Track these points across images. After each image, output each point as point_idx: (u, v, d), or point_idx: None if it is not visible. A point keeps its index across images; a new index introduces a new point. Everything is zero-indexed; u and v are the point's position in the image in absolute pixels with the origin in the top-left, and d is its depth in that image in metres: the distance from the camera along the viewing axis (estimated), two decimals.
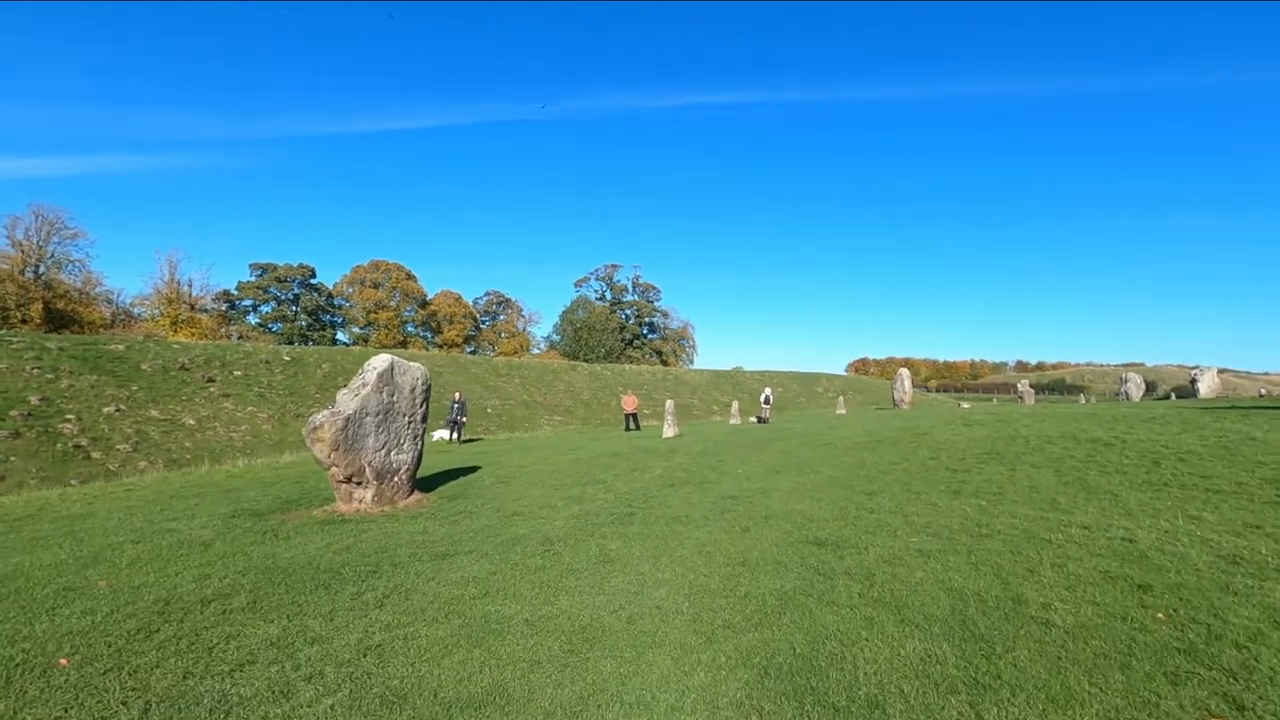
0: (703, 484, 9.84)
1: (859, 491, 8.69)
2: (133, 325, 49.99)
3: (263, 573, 5.41)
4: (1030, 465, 9.62)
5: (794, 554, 5.87)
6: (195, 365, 32.51)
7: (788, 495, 8.72)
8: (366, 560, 5.84)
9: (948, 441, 12.43)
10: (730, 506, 8.16)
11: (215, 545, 6.37)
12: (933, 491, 8.41)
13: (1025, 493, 8.08)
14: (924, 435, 13.80)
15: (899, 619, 4.30)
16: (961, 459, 10.50)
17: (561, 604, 4.70)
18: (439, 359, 46.62)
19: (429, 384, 9.41)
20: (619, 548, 6.26)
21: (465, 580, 5.26)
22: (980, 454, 10.79)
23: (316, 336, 62.39)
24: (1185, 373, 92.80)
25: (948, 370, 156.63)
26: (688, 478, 10.50)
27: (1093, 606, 4.40)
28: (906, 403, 36.81)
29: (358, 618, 4.44)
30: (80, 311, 44.85)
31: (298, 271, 63.34)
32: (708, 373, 66.25)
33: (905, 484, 9.00)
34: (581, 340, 72.44)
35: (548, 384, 48.66)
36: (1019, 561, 5.40)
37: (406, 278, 69.77)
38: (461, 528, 7.29)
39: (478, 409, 40.07)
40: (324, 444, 7.83)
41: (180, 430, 27.00)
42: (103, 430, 24.60)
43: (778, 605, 4.61)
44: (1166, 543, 5.81)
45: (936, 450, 11.53)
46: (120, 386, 27.85)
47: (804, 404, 60.90)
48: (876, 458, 11.30)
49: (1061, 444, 11.22)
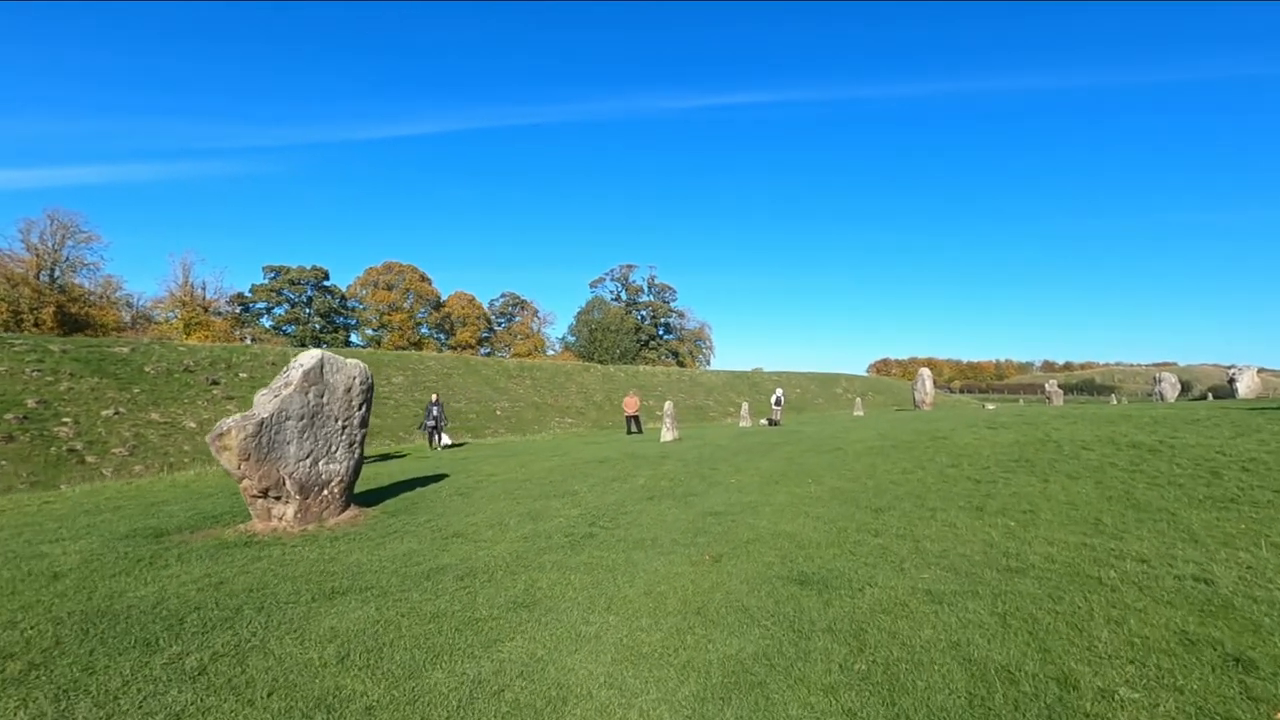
0: (686, 497, 8.55)
1: (864, 508, 7.34)
2: (148, 329, 50.14)
3: (86, 620, 4.28)
4: (1065, 475, 8.16)
5: (768, 597, 4.58)
6: (200, 368, 32.05)
7: (780, 512, 7.39)
8: (230, 601, 4.68)
9: (970, 447, 10.99)
10: (709, 526, 6.86)
11: (67, 577, 5.27)
12: (951, 508, 7.02)
13: (1062, 510, 6.66)
14: (944, 439, 12.35)
15: (892, 715, 3.00)
16: (985, 467, 9.07)
17: (431, 679, 3.47)
18: (448, 360, 45.86)
19: (370, 384, 8.28)
20: (551, 585, 5.03)
21: (331, 635, 4.07)
22: (1007, 461, 9.35)
23: (330, 339, 62.05)
24: (1221, 372, 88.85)
25: (972, 371, 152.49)
26: (671, 489, 9.22)
27: (1175, 696, 3.05)
28: (928, 404, 35.01)
29: (150, 697, 3.27)
30: (94, 315, 44.97)
31: (310, 274, 63.10)
32: (724, 374, 64.63)
33: (919, 498, 7.62)
34: (596, 341, 71.32)
35: (559, 385, 47.62)
36: (1061, 614, 4.04)
37: (420, 279, 69.28)
38: (381, 554, 6.12)
39: (486, 411, 39.19)
40: (231, 453, 6.71)
41: (180, 433, 26.40)
42: (99, 434, 24.06)
43: (725, 685, 3.34)
44: (1255, 584, 4.41)
45: (957, 457, 10.10)
46: (121, 389, 27.38)
47: (822, 405, 59.02)
48: (889, 465, 9.90)
49: (1099, 450, 9.71)
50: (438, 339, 71.47)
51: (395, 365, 41.14)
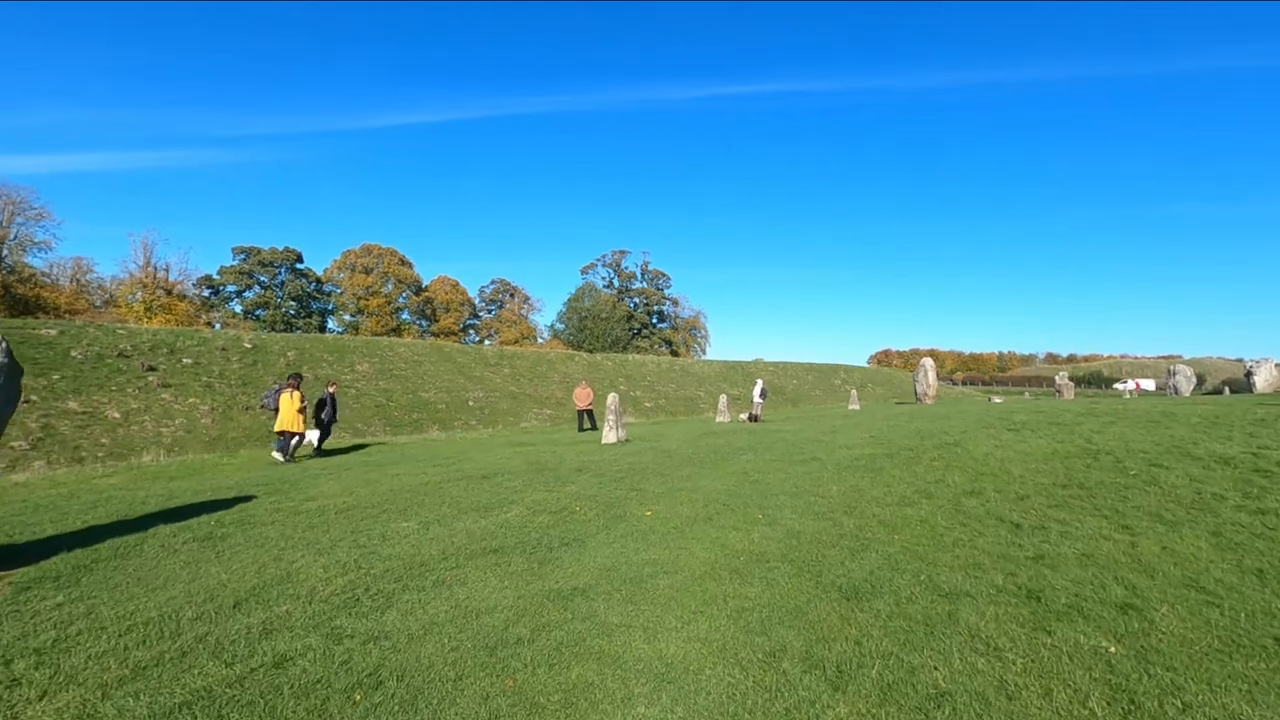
0: (552, 549, 5.56)
1: (829, 587, 4.43)
2: (104, 313, 47.47)
3: None
4: (1153, 517, 5.55)
5: None
6: (138, 353, 29.44)
7: (681, 595, 4.48)
8: None
9: (992, 460, 8.40)
10: (518, 648, 3.75)
11: None
12: (982, 592, 4.13)
13: (1189, 604, 3.86)
14: (955, 447, 9.78)
15: None
16: (1022, 496, 6.49)
17: None
18: (420, 347, 43.19)
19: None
20: None
21: None
22: (1051, 487, 6.76)
23: (303, 324, 59.19)
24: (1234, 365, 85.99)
25: (974, 362, 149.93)
26: (541, 533, 6.14)
27: None
28: (930, 397, 32.49)
29: None
30: (45, 296, 42.28)
31: (283, 255, 59.91)
32: (718, 364, 62.05)
33: (924, 564, 4.77)
34: (586, 329, 68.72)
35: (540, 375, 45.06)
36: None
37: (400, 263, 66.34)
38: None
39: (457, 401, 36.75)
40: None
41: (99, 425, 23.84)
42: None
43: None
44: None
45: (977, 477, 7.50)
46: (38, 376, 24.79)
47: (819, 398, 56.47)
48: (880, 490, 7.30)
49: (1177, 468, 7.16)
50: (419, 325, 68.78)
51: (361, 352, 38.56)
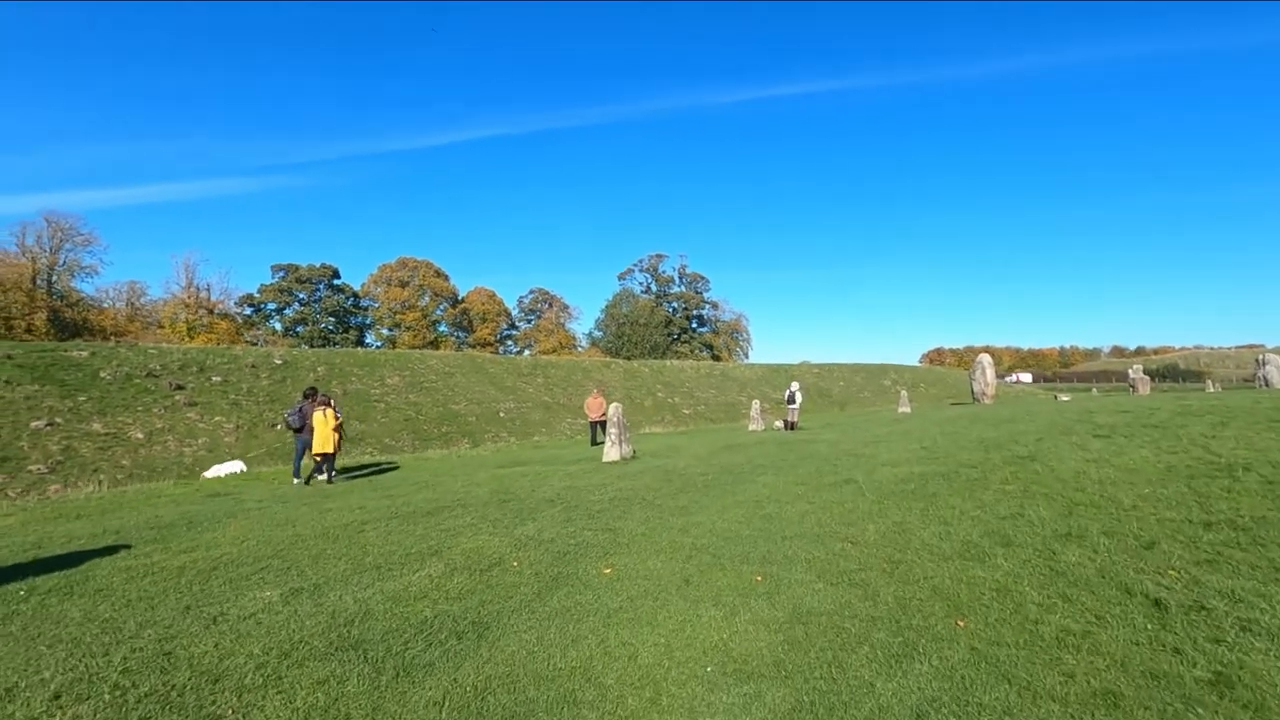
0: (392, 667, 3.64)
1: None
2: (147, 334, 48.54)
3: None
4: None
5: None
6: (167, 372, 29.35)
7: None
8: None
9: (1085, 479, 6.39)
10: None
11: None
12: None
13: None
14: (1031, 461, 7.76)
15: None
16: (1146, 541, 4.55)
17: None
18: (452, 359, 42.52)
19: None
20: None
21: None
22: (1183, 522, 4.78)
23: (341, 339, 59.69)
24: None
25: (1033, 359, 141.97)
26: (405, 624, 4.14)
27: None
28: (989, 396, 29.64)
29: None
30: (92, 319, 43.39)
31: (320, 272, 60.70)
32: (760, 367, 59.72)
33: (1014, 685, 2.86)
34: (624, 336, 67.25)
35: (575, 384, 43.73)
36: None
37: (435, 275, 66.38)
38: None
39: (488, 413, 35.73)
40: None
41: (122, 445, 23.53)
42: (20, 448, 21.28)
43: None
44: None
45: (1070, 505, 5.53)
46: (64, 397, 24.77)
47: (868, 399, 53.48)
48: (935, 530, 5.38)
49: None
50: (456, 337, 68.63)
51: (392, 365, 37.99)
